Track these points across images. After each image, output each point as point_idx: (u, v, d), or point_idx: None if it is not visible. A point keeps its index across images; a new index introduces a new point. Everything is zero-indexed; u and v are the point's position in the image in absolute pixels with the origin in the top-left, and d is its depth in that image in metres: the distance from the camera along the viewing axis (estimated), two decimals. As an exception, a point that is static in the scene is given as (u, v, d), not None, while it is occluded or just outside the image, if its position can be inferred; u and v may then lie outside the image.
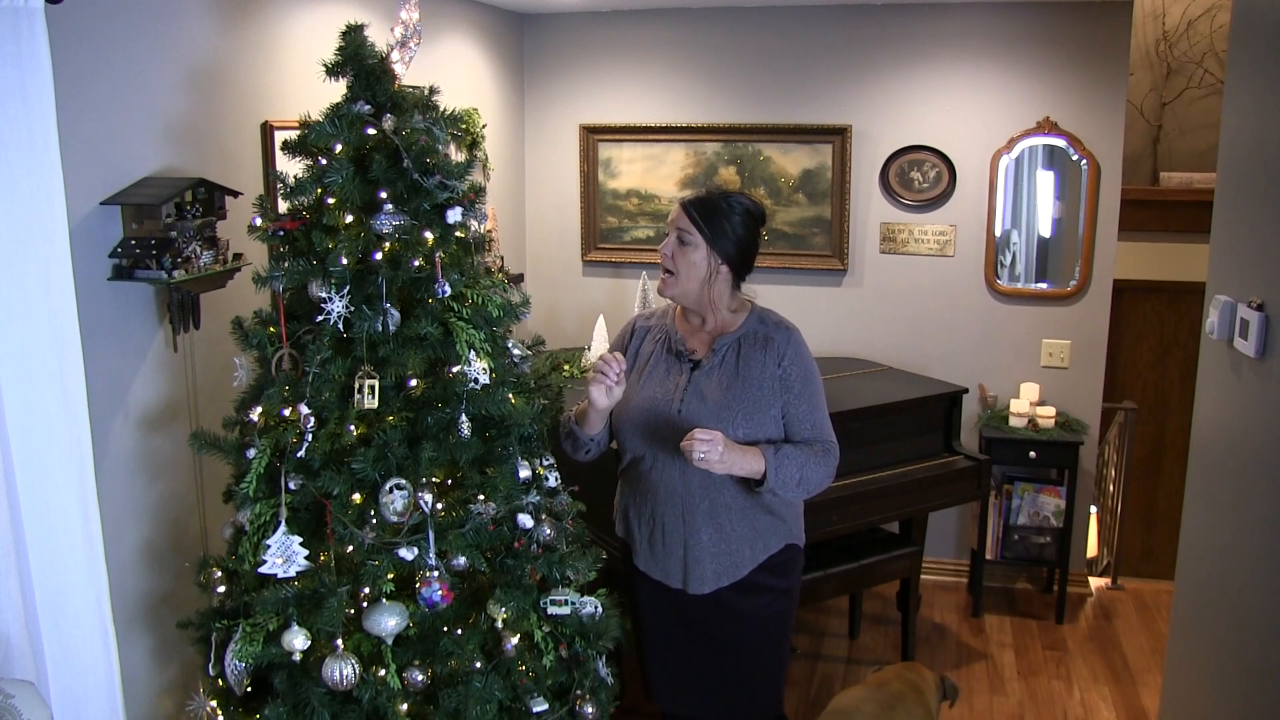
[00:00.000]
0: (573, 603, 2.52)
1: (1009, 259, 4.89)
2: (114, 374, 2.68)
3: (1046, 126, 4.69)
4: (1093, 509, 5.33)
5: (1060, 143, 4.71)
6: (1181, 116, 5.98)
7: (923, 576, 4.70)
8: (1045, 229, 4.88)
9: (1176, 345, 6.50)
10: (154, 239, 2.62)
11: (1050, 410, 4.74)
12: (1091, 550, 5.42)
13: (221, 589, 2.47)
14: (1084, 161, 4.68)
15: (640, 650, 2.86)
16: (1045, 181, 4.81)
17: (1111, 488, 5.59)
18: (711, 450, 2.41)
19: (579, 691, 2.56)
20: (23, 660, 2.21)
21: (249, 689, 2.45)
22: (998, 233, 4.85)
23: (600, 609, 2.57)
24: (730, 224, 2.59)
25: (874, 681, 3.21)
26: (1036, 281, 4.90)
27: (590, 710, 2.55)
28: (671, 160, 5.11)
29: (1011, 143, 4.75)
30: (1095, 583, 5.21)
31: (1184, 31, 5.81)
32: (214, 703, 2.52)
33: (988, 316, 4.94)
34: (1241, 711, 2.61)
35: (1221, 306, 2.75)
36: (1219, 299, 2.78)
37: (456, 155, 2.54)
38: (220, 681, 2.48)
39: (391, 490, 2.29)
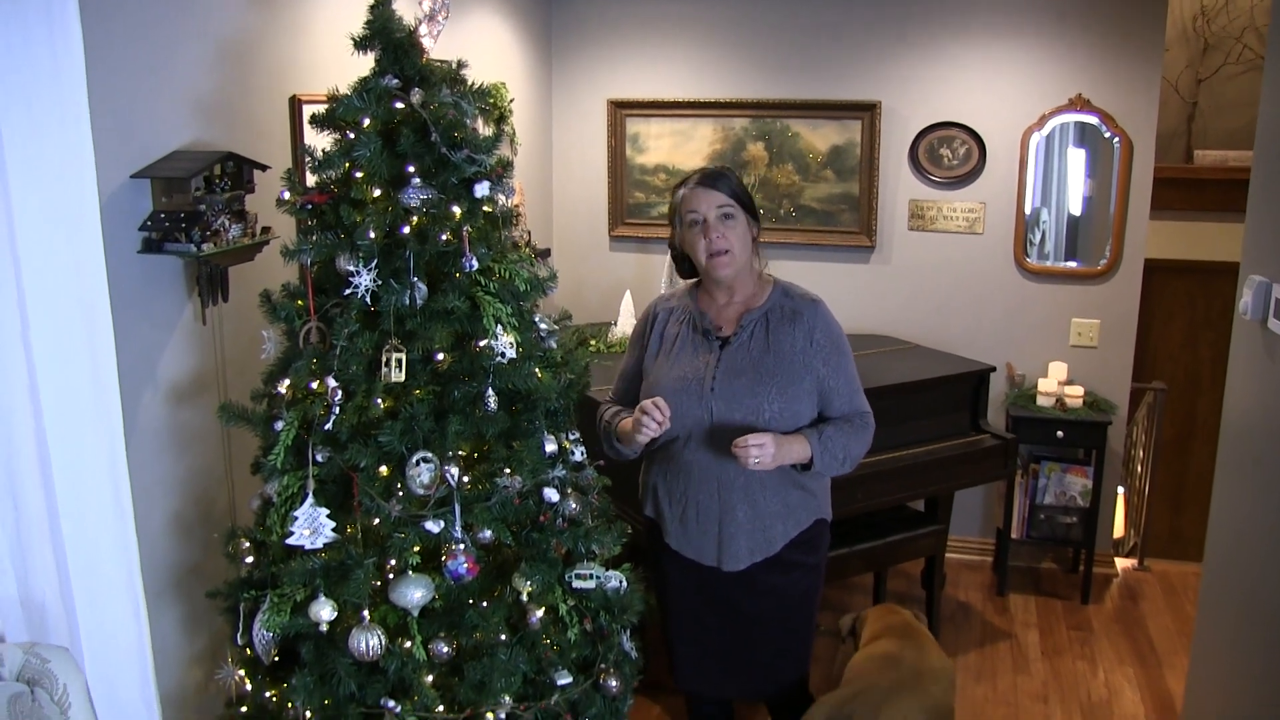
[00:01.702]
0: (598, 577, 2.53)
1: (1038, 237, 4.84)
2: (144, 347, 2.70)
3: (1079, 103, 4.63)
4: (1120, 489, 5.29)
5: (1093, 120, 4.65)
6: (1218, 93, 5.91)
7: (948, 555, 4.68)
8: (1076, 207, 4.83)
9: (1208, 326, 6.44)
10: (183, 212, 2.63)
11: (1078, 390, 4.71)
12: (1118, 531, 5.39)
13: (249, 560, 2.49)
14: (1116, 139, 4.62)
15: (667, 631, 2.86)
16: (1076, 159, 4.75)
17: (1139, 468, 5.55)
18: (764, 454, 2.45)
19: (603, 665, 2.57)
20: (57, 627, 2.24)
21: (276, 659, 2.47)
22: (1027, 210, 4.80)
23: (625, 584, 2.58)
24: (740, 186, 2.66)
25: (880, 653, 3.18)
26: (1066, 260, 4.85)
27: (614, 684, 2.56)
28: (699, 136, 5.09)
29: (1043, 120, 4.70)
30: (1121, 564, 5.18)
31: (1223, 6, 5.72)
32: (242, 671, 2.55)
33: (1016, 295, 4.90)
34: (1271, 695, 2.59)
35: (1256, 286, 2.71)
36: (1253, 279, 2.74)
37: (484, 129, 2.54)
38: (248, 651, 2.51)
39: (418, 463, 2.30)
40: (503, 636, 2.42)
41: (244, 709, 2.57)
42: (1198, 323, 6.48)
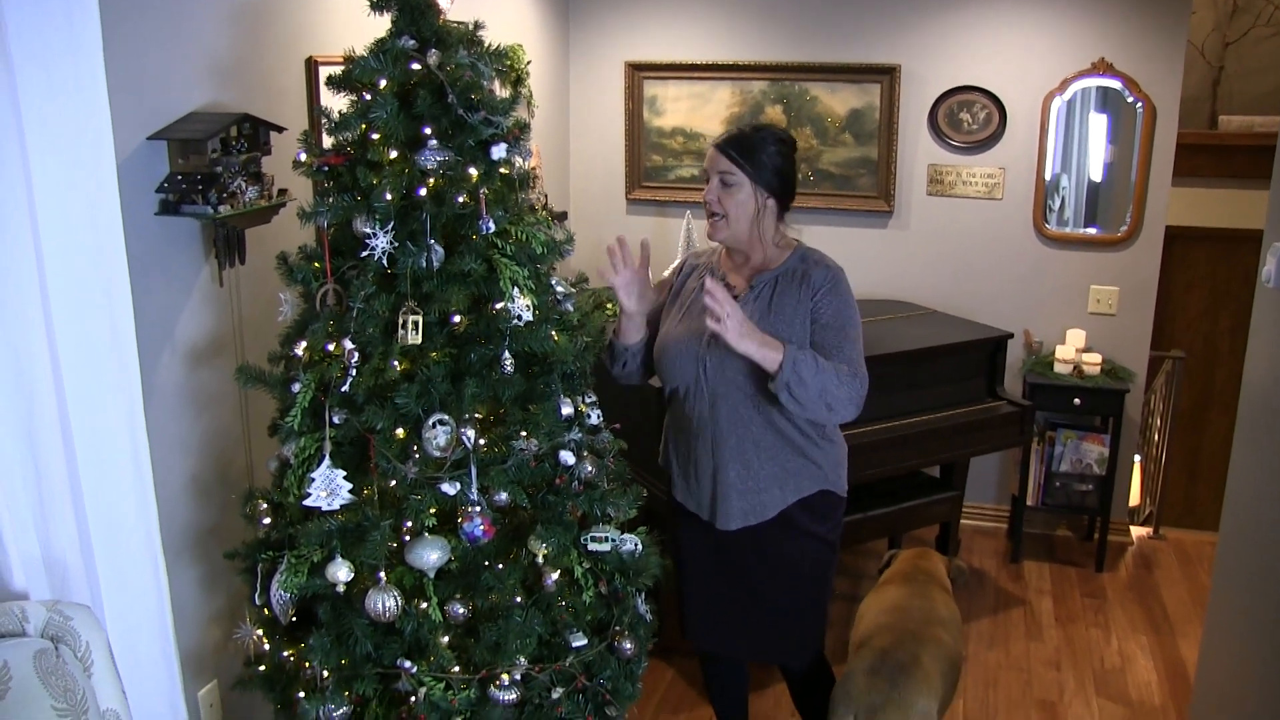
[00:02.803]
0: (613, 540, 2.54)
1: (1058, 203, 4.80)
2: (161, 308, 2.70)
3: (1102, 68, 4.57)
4: (1137, 458, 5.28)
5: (1115, 84, 4.59)
6: (1245, 57, 5.82)
7: (962, 521, 4.70)
8: (1096, 173, 4.78)
9: (1229, 294, 6.39)
10: (200, 174, 2.63)
11: (1096, 357, 4.68)
12: (1134, 499, 5.38)
13: (267, 521, 2.51)
14: (1139, 104, 4.56)
15: (679, 585, 2.88)
16: (1098, 124, 4.70)
17: (1156, 437, 5.53)
18: (727, 322, 2.38)
19: (618, 627, 2.59)
20: (79, 586, 2.26)
21: (294, 619, 2.49)
22: (1047, 176, 4.75)
23: (640, 547, 2.59)
24: (767, 155, 2.57)
25: (900, 576, 3.21)
26: (1086, 226, 4.81)
27: (628, 646, 2.58)
28: (717, 99, 5.05)
29: (1064, 84, 4.64)
30: (1136, 532, 5.18)
31: (1251, -33, 5.63)
32: (260, 631, 2.57)
33: (1035, 261, 4.86)
34: (1284, 662, 2.59)
35: (1279, 254, 2.68)
36: (1277, 246, 2.71)
37: (501, 91, 2.52)
38: (266, 611, 2.54)
39: (435, 425, 2.30)
40: (518, 598, 2.43)
41: (262, 668, 2.60)
42: (1218, 291, 6.43)
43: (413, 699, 2.38)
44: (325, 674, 2.42)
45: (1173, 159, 4.62)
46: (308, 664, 2.44)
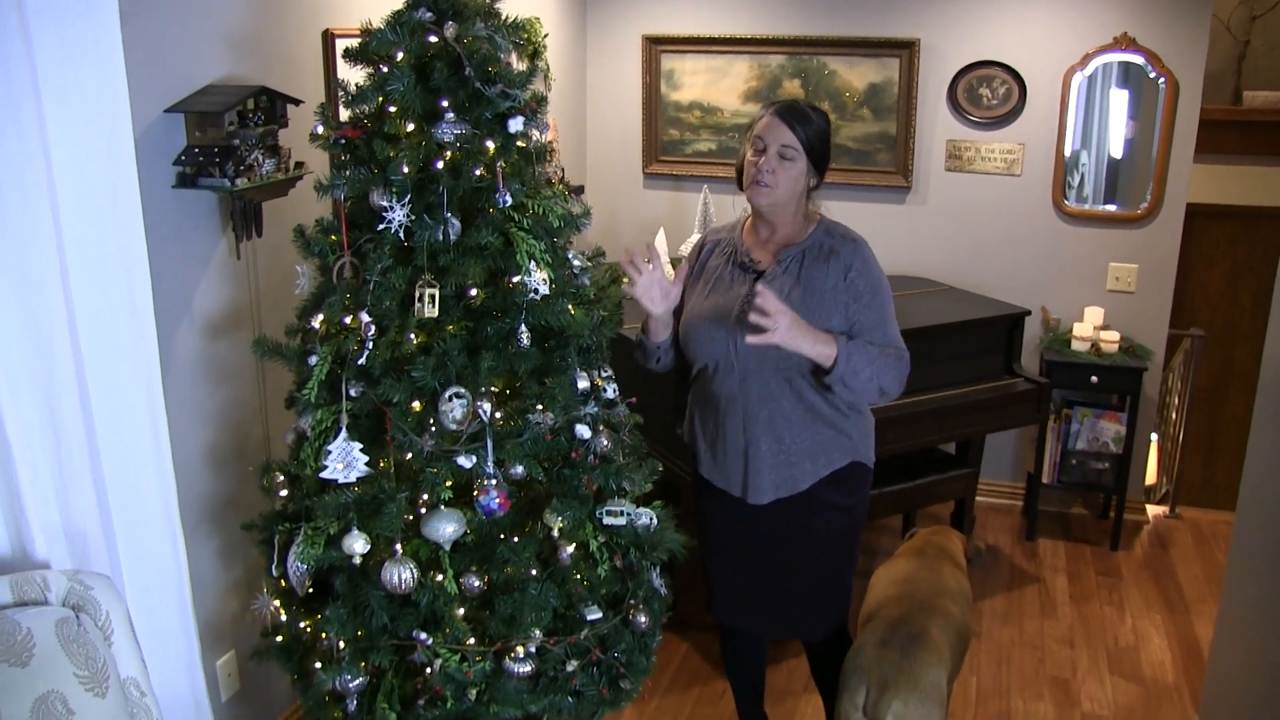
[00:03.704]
0: (628, 514, 2.54)
1: (1077, 179, 4.76)
2: (179, 281, 2.71)
3: (1124, 43, 4.52)
4: (1154, 436, 5.26)
5: (1138, 60, 4.54)
6: (1272, 31, 5.74)
7: (977, 498, 4.69)
8: (1117, 149, 4.74)
9: (1249, 271, 6.33)
10: (217, 147, 2.63)
11: (1114, 335, 4.66)
12: (1150, 478, 5.36)
13: (284, 493, 2.52)
14: (1162, 80, 4.51)
15: (705, 561, 2.89)
16: (1119, 100, 4.65)
17: (1174, 415, 5.50)
18: (777, 324, 2.39)
19: (632, 601, 2.60)
20: (99, 556, 2.28)
21: (310, 590, 2.51)
22: (1067, 152, 4.71)
23: (655, 521, 2.60)
24: (822, 136, 2.58)
25: (911, 550, 3.23)
26: (1105, 203, 4.78)
27: (643, 620, 2.58)
28: (735, 73, 5.02)
29: (1086, 59, 4.59)
30: (1152, 510, 5.16)
31: (1279, -61, 5.55)
32: (277, 602, 2.59)
33: (1053, 238, 4.83)
34: (1300, 641, 2.58)
35: (1302, 230, 2.66)
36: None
37: (518, 65, 2.51)
38: (283, 582, 2.55)
39: (451, 399, 2.31)
40: (533, 571, 2.44)
41: (279, 638, 2.62)
42: (1239, 268, 6.37)
43: (428, 670, 2.40)
44: (341, 645, 2.44)
45: (1195, 135, 4.57)
46: (324, 635, 2.46)
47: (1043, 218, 4.82)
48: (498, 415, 2.36)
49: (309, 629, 2.55)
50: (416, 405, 2.34)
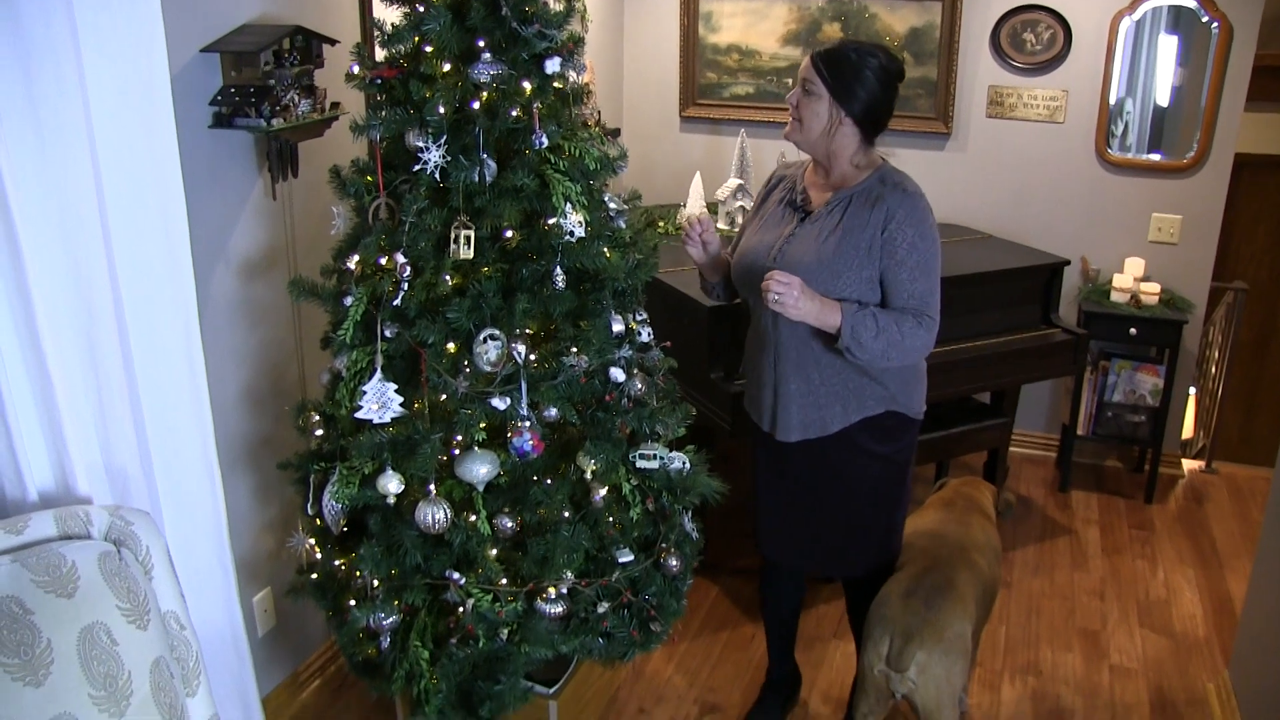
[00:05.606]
0: (661, 457, 2.55)
1: (1121, 128, 4.66)
2: (215, 222, 2.72)
3: (1175, -15, 4.41)
4: (1192, 390, 5.20)
5: (1190, 3, 4.42)
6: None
7: (1011, 449, 4.66)
8: (1164, 97, 4.63)
9: (1297, 224, 6.21)
10: (253, 87, 2.62)
11: (1155, 287, 4.59)
12: (1187, 432, 5.30)
13: (319, 433, 2.54)
14: (1215, 24, 4.39)
15: (754, 496, 2.92)
16: (1168, 46, 4.54)
17: (1213, 369, 5.44)
18: (786, 294, 2.41)
19: (664, 545, 2.61)
20: (139, 493, 2.31)
21: (345, 529, 2.54)
22: (1112, 100, 4.61)
23: (688, 465, 2.60)
24: (858, 78, 2.50)
25: (940, 501, 3.23)
26: (1150, 152, 4.67)
27: (674, 563, 2.60)
28: (774, 15, 4.94)
29: (1135, 3, 4.47)
30: (1188, 465, 5.11)
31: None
32: (312, 540, 2.63)
33: (1095, 187, 4.75)
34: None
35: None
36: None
37: (555, 5, 2.48)
38: (318, 521, 2.59)
39: (485, 340, 2.31)
40: (566, 514, 2.46)
41: (314, 576, 2.66)
42: (1287, 221, 6.25)
43: (461, 610, 2.43)
44: (375, 583, 2.48)
45: (1247, 83, 4.45)
46: (359, 573, 2.49)
47: (1085, 166, 4.73)
48: (532, 357, 2.36)
49: (343, 567, 2.59)
50: (451, 347, 2.35)
